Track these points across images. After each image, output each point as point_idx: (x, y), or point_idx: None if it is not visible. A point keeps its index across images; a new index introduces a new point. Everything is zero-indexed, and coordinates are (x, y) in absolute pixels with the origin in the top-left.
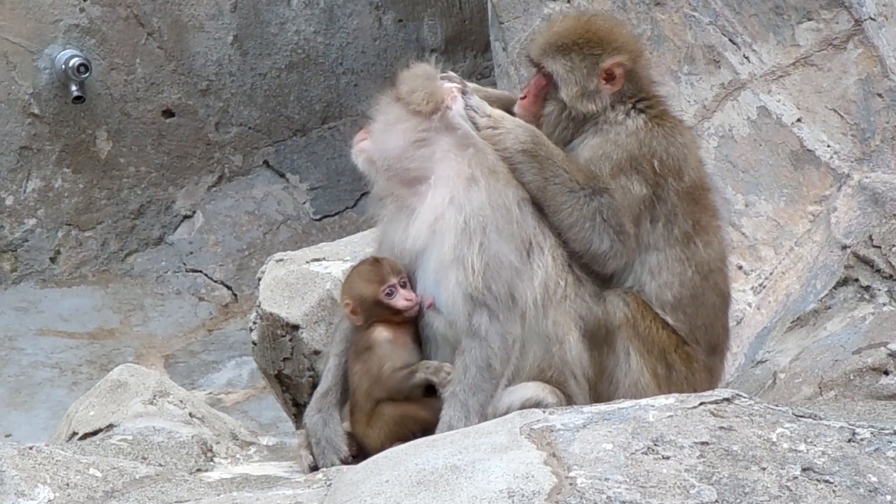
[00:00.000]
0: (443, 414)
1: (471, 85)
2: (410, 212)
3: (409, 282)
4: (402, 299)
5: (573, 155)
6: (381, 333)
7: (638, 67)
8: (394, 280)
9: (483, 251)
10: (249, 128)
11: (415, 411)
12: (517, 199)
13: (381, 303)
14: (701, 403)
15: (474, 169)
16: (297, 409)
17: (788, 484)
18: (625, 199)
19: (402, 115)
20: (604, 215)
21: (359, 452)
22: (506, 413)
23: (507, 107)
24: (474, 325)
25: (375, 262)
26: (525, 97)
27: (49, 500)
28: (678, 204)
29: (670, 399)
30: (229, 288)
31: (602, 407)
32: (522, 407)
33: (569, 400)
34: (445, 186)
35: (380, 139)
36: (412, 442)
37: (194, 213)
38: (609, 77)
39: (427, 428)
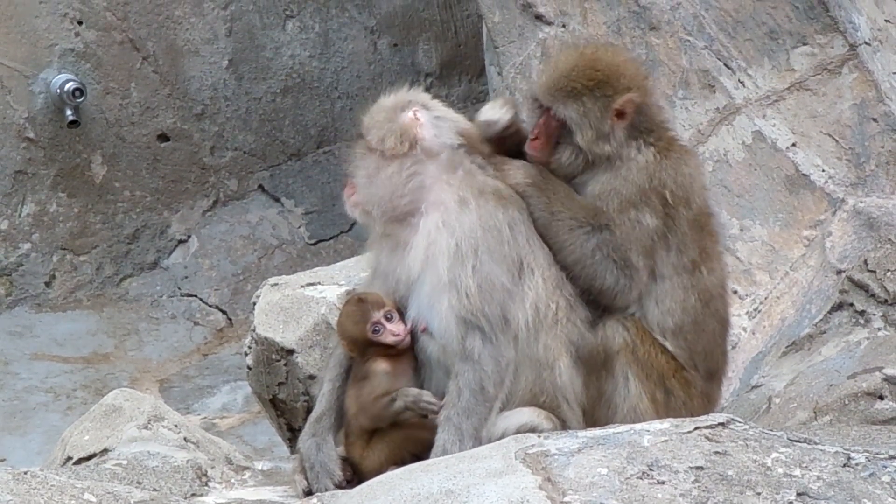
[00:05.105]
0: (437, 438)
1: (464, 124)
2: (405, 246)
3: (399, 311)
4: (389, 335)
5: (579, 189)
6: (380, 365)
7: (647, 99)
8: (378, 317)
9: (475, 273)
10: (244, 152)
11: (416, 433)
12: (507, 219)
13: (370, 341)
14: (696, 428)
15: (464, 191)
16: (291, 434)
17: None
18: (633, 233)
19: (381, 162)
20: (605, 251)
21: (353, 477)
22: (501, 438)
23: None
24: (467, 347)
25: (360, 301)
26: (536, 138)
27: None
28: (688, 232)
29: (665, 424)
30: (224, 312)
31: (597, 431)
32: (518, 432)
33: (563, 425)
34: (437, 211)
35: (369, 191)
36: (407, 466)
37: (189, 237)
38: (621, 115)
39: (429, 449)
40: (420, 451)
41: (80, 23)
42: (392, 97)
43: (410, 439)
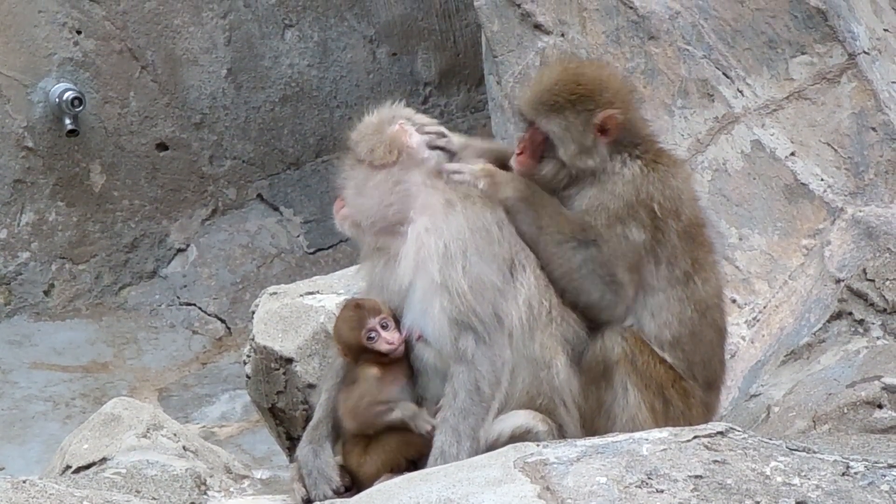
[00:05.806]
0: (435, 440)
1: (458, 138)
2: (396, 256)
3: (395, 320)
4: (384, 343)
5: (567, 204)
6: (371, 370)
7: (630, 115)
8: (374, 324)
9: (466, 274)
10: (243, 161)
11: (412, 437)
12: (496, 220)
13: (364, 347)
14: (695, 437)
15: (450, 194)
16: (290, 443)
17: None
18: (620, 248)
19: (370, 172)
20: (591, 267)
21: (351, 484)
22: (497, 441)
23: (499, 157)
24: (461, 349)
25: (357, 307)
26: (522, 152)
27: None
28: (678, 245)
29: (664, 432)
30: (223, 321)
31: (596, 440)
32: (513, 435)
33: (560, 428)
34: (424, 215)
35: (358, 202)
36: (405, 475)
37: (188, 246)
38: (603, 130)
39: (426, 454)
40: (417, 456)
41: (79, 32)
42: (377, 113)
43: (406, 444)
